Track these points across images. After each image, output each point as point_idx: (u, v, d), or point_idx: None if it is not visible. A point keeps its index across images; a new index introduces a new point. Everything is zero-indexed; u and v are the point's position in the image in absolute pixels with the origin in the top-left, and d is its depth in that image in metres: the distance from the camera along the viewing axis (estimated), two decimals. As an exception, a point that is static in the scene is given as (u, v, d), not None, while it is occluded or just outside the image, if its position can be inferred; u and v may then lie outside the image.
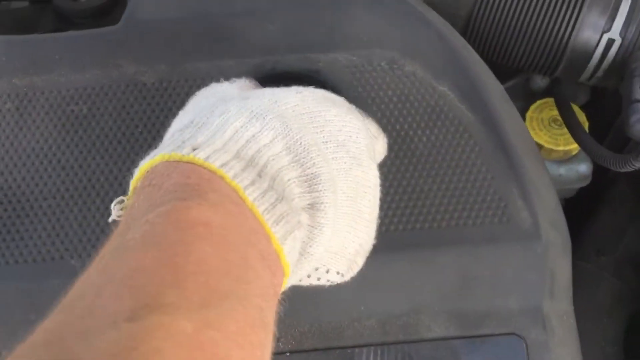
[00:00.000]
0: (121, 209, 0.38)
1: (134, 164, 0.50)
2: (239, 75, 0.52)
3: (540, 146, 0.69)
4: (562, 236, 0.52)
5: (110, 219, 0.38)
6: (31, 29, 0.59)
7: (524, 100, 0.74)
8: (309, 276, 0.41)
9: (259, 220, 0.33)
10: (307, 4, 0.53)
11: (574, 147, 0.68)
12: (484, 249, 0.51)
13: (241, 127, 0.36)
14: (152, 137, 0.51)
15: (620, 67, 0.58)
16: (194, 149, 0.34)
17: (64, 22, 0.60)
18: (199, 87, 0.52)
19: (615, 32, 0.57)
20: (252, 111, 0.37)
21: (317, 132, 0.39)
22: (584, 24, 0.58)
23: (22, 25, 0.60)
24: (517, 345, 0.50)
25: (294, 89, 0.41)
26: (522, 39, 0.60)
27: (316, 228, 0.37)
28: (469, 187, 0.51)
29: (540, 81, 0.72)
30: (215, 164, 0.33)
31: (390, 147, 0.51)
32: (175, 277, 0.28)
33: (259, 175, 0.34)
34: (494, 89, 0.53)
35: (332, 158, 0.39)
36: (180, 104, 0.52)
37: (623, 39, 0.57)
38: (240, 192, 0.33)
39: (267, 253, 0.33)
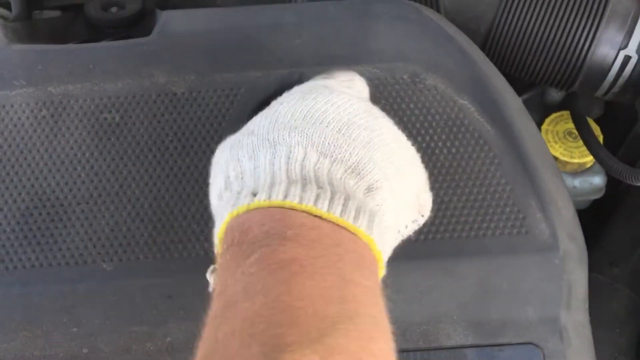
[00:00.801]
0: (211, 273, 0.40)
1: (164, 171, 0.52)
2: (266, 86, 0.54)
3: (555, 158, 0.71)
4: (579, 248, 0.54)
5: (209, 289, 0.39)
6: (63, 38, 0.61)
7: (539, 112, 0.75)
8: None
9: (341, 224, 0.35)
10: (332, 19, 0.55)
11: (589, 159, 0.70)
12: (502, 259, 0.52)
13: (291, 157, 0.37)
14: (182, 145, 0.53)
15: (636, 83, 0.59)
16: (254, 194, 0.35)
17: (95, 31, 0.61)
18: (227, 97, 0.54)
19: (632, 50, 0.58)
20: (309, 139, 0.38)
21: (365, 144, 0.40)
22: (602, 41, 0.59)
23: (54, 34, 0.62)
24: (535, 355, 0.52)
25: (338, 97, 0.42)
26: (540, 54, 0.61)
27: (382, 204, 0.38)
28: (489, 198, 0.53)
29: (555, 94, 0.73)
30: (278, 199, 0.35)
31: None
32: (288, 316, 0.30)
33: (319, 187, 0.36)
34: (513, 103, 0.54)
35: (383, 164, 0.40)
36: (209, 113, 0.54)
37: (639, 56, 0.58)
38: (313, 211, 0.34)
39: (359, 254, 0.35)
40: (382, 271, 0.38)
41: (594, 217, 0.77)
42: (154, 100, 0.54)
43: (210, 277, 0.40)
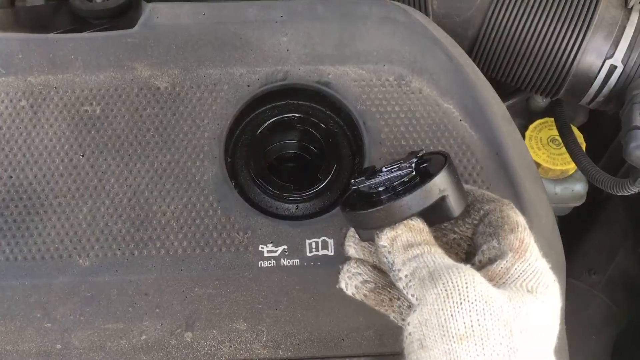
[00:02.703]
0: None
1: (144, 166, 0.52)
2: (250, 82, 0.53)
3: (538, 165, 0.71)
4: (558, 255, 0.54)
5: None
6: (47, 27, 0.60)
7: (523, 118, 0.75)
8: None
9: None
10: (319, 17, 0.54)
11: (571, 167, 0.70)
12: (481, 265, 0.52)
13: None
14: (164, 140, 0.52)
15: (621, 93, 0.59)
16: None
17: (79, 21, 0.60)
18: (210, 93, 0.53)
19: (617, 59, 0.58)
20: None
21: None
22: (588, 50, 0.59)
23: (37, 23, 0.61)
24: None
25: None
26: (527, 60, 0.61)
27: None
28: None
29: (540, 101, 0.73)
30: None
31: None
32: None
33: None
34: (498, 109, 0.54)
35: None
36: (192, 109, 0.53)
37: (625, 66, 0.58)
38: None
39: None
40: None
41: (574, 224, 0.77)
42: (136, 94, 0.53)
43: None
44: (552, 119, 0.71)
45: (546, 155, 0.70)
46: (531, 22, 0.60)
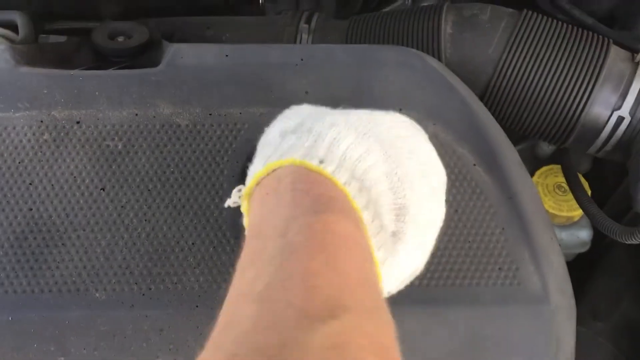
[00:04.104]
0: (239, 197, 0.42)
1: (163, 202, 0.52)
2: (269, 122, 0.54)
3: (544, 210, 0.72)
4: (569, 303, 0.55)
5: (227, 204, 0.42)
6: (69, 63, 0.61)
7: (530, 165, 0.77)
8: None
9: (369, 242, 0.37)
10: (338, 62, 0.56)
11: (577, 213, 0.71)
12: (494, 309, 0.53)
13: (351, 144, 0.39)
14: (183, 177, 0.53)
15: (628, 143, 0.61)
16: (321, 162, 0.38)
17: (101, 59, 0.62)
18: (230, 132, 0.54)
19: (625, 111, 0.60)
20: (356, 129, 0.40)
21: (408, 159, 0.41)
22: (596, 101, 0.61)
23: (60, 58, 0.62)
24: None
25: (384, 111, 0.44)
26: (536, 109, 0.63)
27: (395, 255, 0.40)
28: (483, 247, 0.53)
29: (546, 148, 0.75)
30: (340, 180, 0.37)
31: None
32: (346, 283, 0.32)
33: (368, 200, 0.38)
34: (511, 156, 0.56)
35: (417, 186, 0.41)
36: (212, 147, 0.54)
37: (632, 118, 0.60)
38: (359, 213, 0.37)
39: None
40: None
41: (578, 271, 0.78)
42: (158, 130, 0.54)
43: (234, 194, 0.42)
44: (558, 166, 0.73)
45: (552, 202, 0.71)
46: (541, 73, 0.62)
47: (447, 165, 0.55)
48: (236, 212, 0.53)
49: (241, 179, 0.53)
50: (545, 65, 0.62)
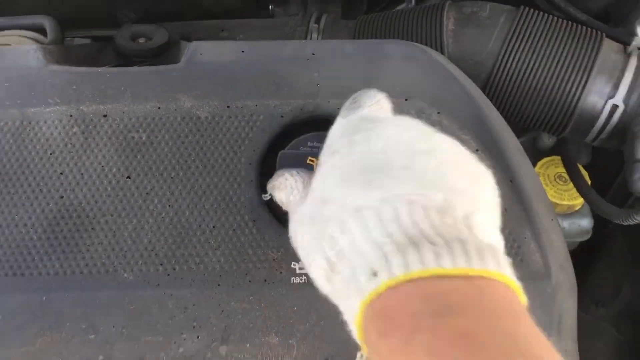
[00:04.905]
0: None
1: (185, 188, 0.56)
2: (283, 113, 0.58)
3: (545, 200, 0.75)
4: (570, 279, 0.57)
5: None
6: (93, 64, 0.65)
7: (531, 157, 0.79)
8: None
9: (472, 274, 0.34)
10: (347, 56, 0.60)
11: (578, 202, 0.74)
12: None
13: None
14: (203, 164, 0.57)
15: (623, 130, 0.64)
16: (374, 274, 0.34)
17: (123, 59, 0.66)
18: (247, 123, 0.58)
19: (619, 99, 0.63)
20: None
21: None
22: (591, 91, 0.64)
23: (85, 59, 0.66)
24: (526, 376, 0.55)
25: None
26: (535, 100, 0.66)
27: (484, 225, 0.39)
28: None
29: (547, 140, 0.78)
30: (400, 273, 0.33)
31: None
32: None
33: (430, 242, 0.34)
34: (512, 142, 0.59)
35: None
36: (230, 137, 0.58)
37: (626, 106, 0.63)
38: (440, 273, 0.33)
39: (502, 295, 0.35)
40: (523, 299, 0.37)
41: (580, 259, 0.81)
42: (179, 122, 0.58)
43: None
44: (559, 157, 0.76)
45: (553, 191, 0.74)
46: (538, 65, 0.65)
47: (451, 151, 0.58)
48: (253, 196, 0.56)
49: (257, 167, 0.57)
50: (542, 58, 0.65)
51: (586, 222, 0.76)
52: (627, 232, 0.80)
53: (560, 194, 0.74)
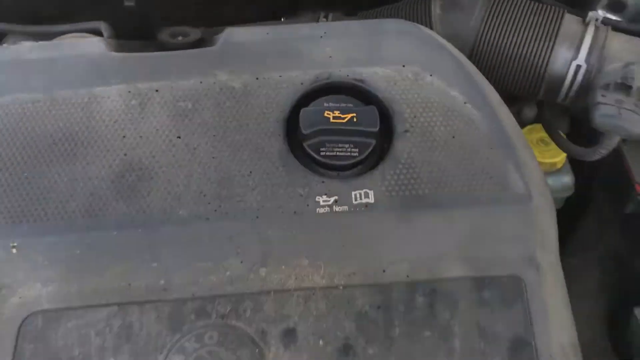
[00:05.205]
0: None
1: (226, 144, 0.68)
2: (303, 81, 0.70)
3: (531, 161, 0.87)
4: (548, 202, 0.69)
5: None
6: (142, 56, 0.78)
7: (516, 127, 0.92)
8: None
9: None
10: (353, 33, 0.73)
11: (558, 159, 0.86)
12: (488, 209, 0.67)
13: None
14: (240, 124, 0.69)
15: (587, 87, 0.76)
16: None
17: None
18: (273, 90, 0.70)
19: (581, 59, 0.76)
20: None
21: None
22: (557, 56, 0.77)
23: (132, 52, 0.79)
24: (518, 285, 0.65)
25: None
26: (511, 67, 0.79)
27: None
28: (477, 163, 0.68)
29: (529, 113, 0.90)
30: None
31: (417, 135, 0.68)
32: None
33: None
34: (493, 96, 0.71)
35: None
36: (259, 102, 0.70)
37: (588, 65, 0.76)
38: None
39: None
40: None
41: (568, 215, 0.92)
42: (217, 92, 0.70)
43: None
44: (539, 124, 0.88)
45: (537, 152, 0.86)
46: (512, 38, 0.78)
47: (444, 104, 0.70)
48: (282, 147, 0.68)
49: (283, 124, 0.69)
50: (515, 32, 0.78)
51: (567, 179, 0.87)
52: (606, 191, 0.92)
53: (542, 154, 0.86)
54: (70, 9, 0.87)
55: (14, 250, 0.64)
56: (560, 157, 0.86)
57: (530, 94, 0.81)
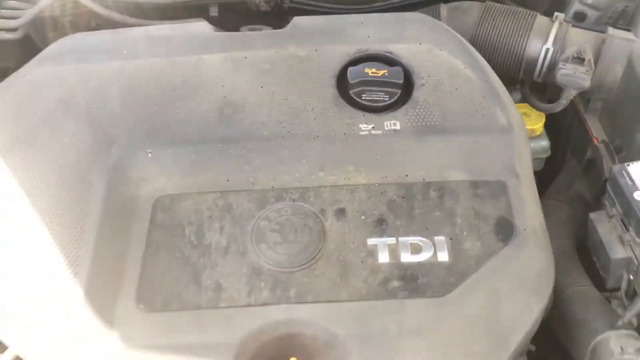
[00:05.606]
0: None
1: (294, 91, 0.97)
2: (349, 52, 1.00)
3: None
4: (524, 133, 0.96)
5: None
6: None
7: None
8: None
9: None
10: (384, 20, 1.04)
11: (537, 127, 1.14)
12: (482, 135, 0.94)
13: None
14: (305, 79, 0.98)
15: (554, 64, 1.06)
16: None
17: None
18: (328, 57, 1.00)
19: (549, 44, 1.05)
20: None
21: None
22: (531, 43, 1.07)
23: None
24: (503, 185, 0.91)
25: None
26: (498, 54, 1.09)
27: None
28: (473, 106, 0.96)
29: (515, 96, 1.19)
30: None
31: (430, 87, 0.97)
32: None
33: None
34: (483, 62, 1.01)
35: None
36: (319, 65, 0.99)
37: (554, 48, 1.05)
38: None
39: None
40: None
41: (547, 173, 1.19)
42: (288, 58, 1.00)
43: None
44: (524, 104, 1.16)
45: (521, 122, 1.14)
46: (498, 32, 1.08)
47: (450, 69, 0.99)
48: (334, 92, 0.97)
49: (336, 78, 0.98)
50: (500, 28, 1.08)
51: (545, 143, 1.14)
52: (576, 154, 1.19)
53: (524, 123, 1.14)
54: (173, 16, 1.19)
55: (150, 155, 0.92)
56: (538, 125, 1.13)
57: (513, 74, 1.10)
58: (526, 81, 1.15)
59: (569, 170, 1.17)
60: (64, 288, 0.80)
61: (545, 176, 1.19)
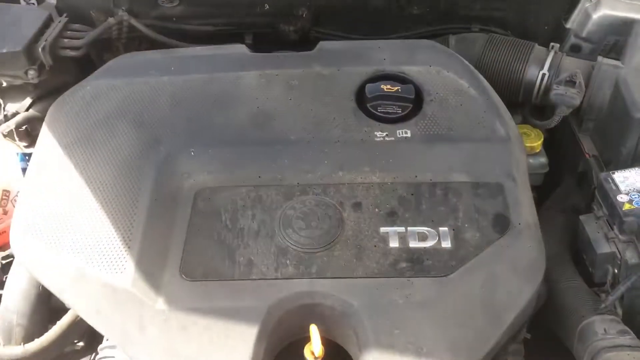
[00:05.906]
0: None
1: (316, 106, 1.11)
2: (367, 72, 1.15)
3: (517, 147, 1.27)
4: (520, 143, 1.09)
5: None
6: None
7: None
8: None
9: None
10: (399, 46, 1.18)
11: (536, 144, 1.26)
12: (482, 144, 1.07)
13: None
14: (328, 94, 1.13)
15: (549, 87, 1.19)
16: None
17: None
18: (350, 78, 1.15)
19: (545, 69, 1.19)
20: None
21: None
22: (530, 69, 1.21)
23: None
24: (501, 187, 1.03)
25: None
26: (500, 79, 1.23)
27: None
28: (474, 119, 1.09)
29: (515, 119, 1.32)
30: None
31: (437, 103, 1.11)
32: None
33: None
34: (485, 83, 1.14)
35: None
36: (341, 81, 1.14)
37: (549, 73, 1.19)
38: None
39: None
40: None
41: (545, 187, 1.31)
42: (314, 76, 1.15)
43: None
44: (525, 124, 1.29)
45: (521, 140, 1.27)
46: (502, 59, 1.23)
47: (455, 88, 1.14)
48: (354, 106, 1.11)
49: (355, 94, 1.12)
50: (503, 56, 1.23)
51: (543, 159, 1.27)
52: (572, 171, 1.31)
53: (524, 141, 1.26)
54: (213, 43, 1.35)
55: (192, 153, 1.06)
56: (537, 143, 1.26)
57: (514, 97, 1.23)
58: (526, 104, 1.29)
59: (565, 185, 1.28)
60: (119, 259, 0.93)
61: (545, 190, 1.31)
